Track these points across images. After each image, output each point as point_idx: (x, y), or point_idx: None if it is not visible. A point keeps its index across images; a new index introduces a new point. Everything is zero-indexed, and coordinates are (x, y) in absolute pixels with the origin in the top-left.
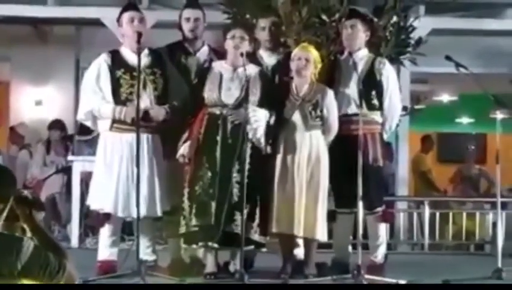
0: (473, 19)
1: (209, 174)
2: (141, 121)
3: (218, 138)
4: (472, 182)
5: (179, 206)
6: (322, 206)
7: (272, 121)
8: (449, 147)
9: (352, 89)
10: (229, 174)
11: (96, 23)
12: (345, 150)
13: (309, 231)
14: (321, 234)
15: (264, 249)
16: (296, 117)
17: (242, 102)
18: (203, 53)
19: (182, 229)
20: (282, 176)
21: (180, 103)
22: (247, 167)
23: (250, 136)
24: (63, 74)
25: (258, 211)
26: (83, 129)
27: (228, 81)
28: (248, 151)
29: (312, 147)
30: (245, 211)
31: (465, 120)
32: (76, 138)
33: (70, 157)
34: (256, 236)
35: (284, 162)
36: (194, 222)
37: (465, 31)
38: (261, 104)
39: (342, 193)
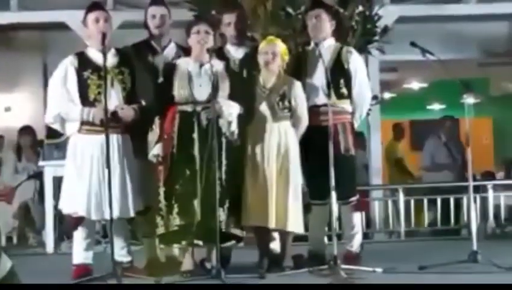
0: (438, 5)
1: (188, 172)
2: (110, 122)
3: (195, 135)
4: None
5: (153, 206)
6: (294, 198)
7: (242, 113)
8: (422, 134)
9: (320, 79)
10: (210, 171)
11: (62, 26)
12: (316, 141)
13: (282, 223)
14: (295, 225)
15: (241, 244)
16: (264, 108)
17: (213, 98)
18: (170, 50)
19: (161, 230)
20: (252, 168)
21: (149, 101)
22: (224, 161)
23: (224, 130)
24: (31, 78)
25: (236, 205)
26: (52, 133)
27: (197, 78)
28: (224, 146)
29: (281, 138)
30: (226, 207)
31: (436, 106)
32: (46, 142)
33: (40, 163)
34: (235, 230)
35: (253, 153)
36: (176, 221)
37: (431, 18)
38: (231, 97)
39: (315, 184)
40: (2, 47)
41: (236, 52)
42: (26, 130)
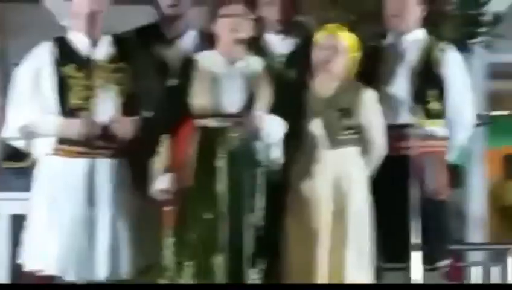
0: None
1: (210, 215)
2: (100, 140)
3: (220, 163)
4: None
5: (157, 264)
6: (357, 259)
7: (288, 133)
8: None
9: (401, 88)
10: (240, 215)
11: None
12: (391, 177)
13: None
14: (356, 274)
15: None
16: (317, 128)
17: (247, 109)
18: (188, 40)
19: None
20: (297, 212)
21: (156, 112)
22: (261, 202)
23: (262, 156)
24: None
25: (276, 264)
26: (12, 153)
27: (226, 81)
28: (259, 180)
29: (340, 170)
30: (261, 268)
31: None
32: (3, 166)
33: None
34: None
35: (299, 192)
36: None
37: None
38: (273, 110)
39: (389, 241)
40: None
41: (281, 45)
42: None
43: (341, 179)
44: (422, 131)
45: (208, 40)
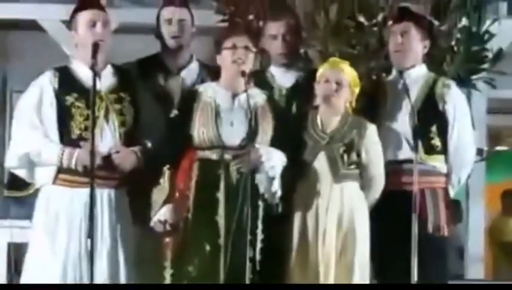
0: None
1: (208, 248)
2: (101, 171)
3: (220, 195)
4: None
5: None
6: None
7: (288, 167)
8: None
9: (403, 124)
10: (240, 248)
11: (32, 26)
12: (392, 212)
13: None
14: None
15: None
16: (321, 163)
17: (249, 142)
18: (190, 71)
19: None
20: (300, 247)
21: (157, 143)
22: (260, 235)
23: (262, 189)
24: None
25: None
26: (14, 182)
27: (228, 113)
28: (260, 213)
29: (344, 206)
30: None
31: None
32: (5, 194)
33: None
34: None
35: (302, 227)
36: None
37: None
38: (274, 143)
39: (389, 275)
40: None
41: (283, 78)
42: None
43: (345, 214)
44: (423, 167)
45: (210, 72)
